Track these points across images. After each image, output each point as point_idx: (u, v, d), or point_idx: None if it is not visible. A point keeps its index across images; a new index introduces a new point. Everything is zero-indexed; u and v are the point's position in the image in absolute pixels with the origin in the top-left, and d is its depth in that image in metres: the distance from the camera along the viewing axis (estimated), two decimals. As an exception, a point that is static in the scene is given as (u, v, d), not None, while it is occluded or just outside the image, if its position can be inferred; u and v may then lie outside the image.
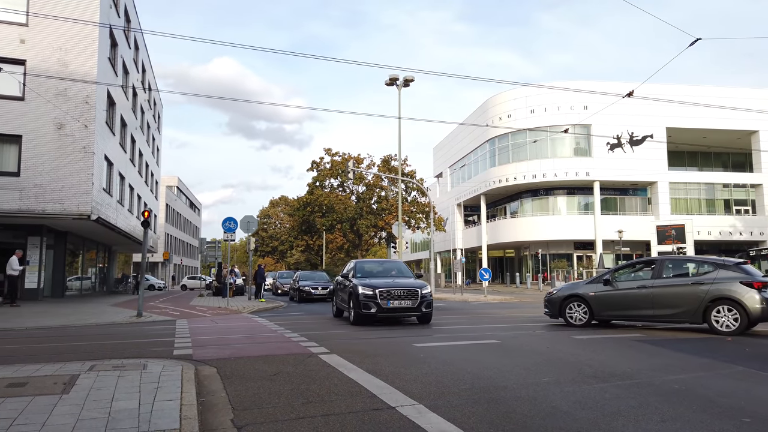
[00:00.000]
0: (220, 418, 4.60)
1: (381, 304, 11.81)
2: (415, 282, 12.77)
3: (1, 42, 21.13)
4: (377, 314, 11.87)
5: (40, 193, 21.18)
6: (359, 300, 11.99)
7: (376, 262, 15.78)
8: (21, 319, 14.27)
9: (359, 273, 13.59)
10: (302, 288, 24.54)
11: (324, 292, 24.19)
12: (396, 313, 12.14)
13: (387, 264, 15.12)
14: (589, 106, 41.95)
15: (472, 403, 5.04)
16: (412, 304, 11.99)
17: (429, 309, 12.24)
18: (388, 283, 12.50)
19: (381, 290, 11.98)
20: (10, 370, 6.23)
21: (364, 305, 11.92)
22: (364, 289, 12.15)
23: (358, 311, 12.03)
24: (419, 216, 47.27)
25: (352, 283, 12.69)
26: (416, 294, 12.07)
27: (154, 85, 42.26)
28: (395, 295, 11.97)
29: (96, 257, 34.88)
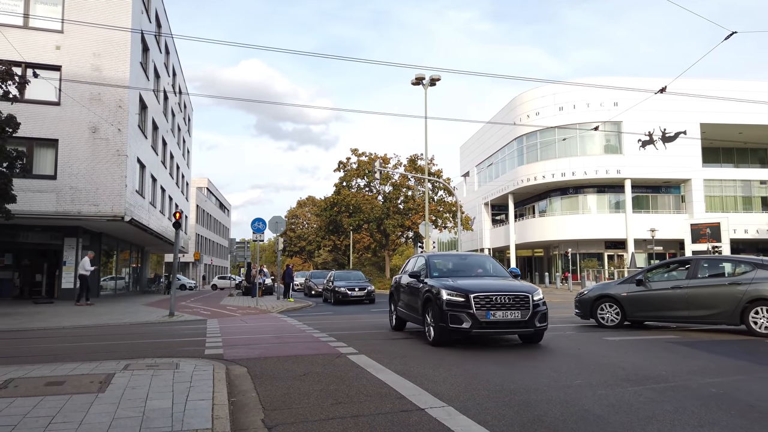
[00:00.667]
0: (251, 417, 4.65)
1: (478, 316, 8.25)
2: (521, 284, 9.16)
3: (37, 49, 21.77)
4: (471, 330, 8.32)
5: (75, 196, 21.75)
6: (443, 310, 8.50)
7: (456, 255, 11.97)
8: (58, 318, 14.68)
9: (435, 271, 10.02)
10: (338, 289, 22.95)
11: (361, 293, 22.82)
12: (498, 329, 8.51)
13: (471, 259, 11.36)
14: (620, 102, 41.16)
15: (503, 405, 4.99)
16: (521, 317, 8.38)
17: (543, 324, 8.67)
18: (484, 285, 8.92)
19: (477, 296, 8.38)
20: (49, 369, 6.41)
21: (451, 317, 8.39)
22: (450, 293, 8.59)
23: (443, 326, 8.51)
24: (446, 215, 47.06)
25: (428, 285, 9.28)
26: (526, 302, 8.48)
27: (184, 89, 43.01)
28: (498, 303, 8.37)
29: (129, 258, 35.66)
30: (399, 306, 11.07)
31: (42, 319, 14.45)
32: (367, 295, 22.85)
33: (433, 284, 9.13)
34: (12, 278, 24.94)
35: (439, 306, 8.62)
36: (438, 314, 8.62)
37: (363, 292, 22.85)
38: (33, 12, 22.16)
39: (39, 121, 21.44)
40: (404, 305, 10.71)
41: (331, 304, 22.85)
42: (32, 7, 22.25)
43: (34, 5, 22.31)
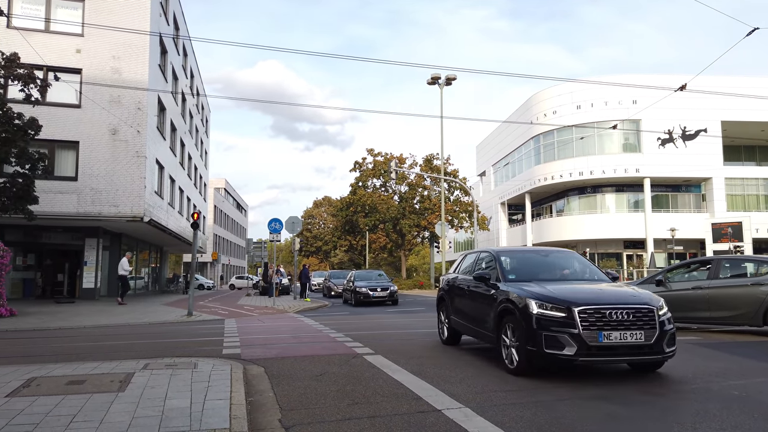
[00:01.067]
0: (268, 417, 4.67)
1: (586, 338, 5.82)
2: (638, 293, 6.55)
3: (59, 52, 22.13)
4: (577, 358, 5.85)
5: (96, 197, 22.07)
6: (534, 329, 6.05)
7: (533, 251, 9.31)
8: (79, 318, 14.91)
9: (512, 272, 7.42)
10: (359, 290, 21.68)
11: (384, 294, 21.60)
12: (614, 357, 6.00)
13: (553, 255, 8.43)
14: (639, 100, 40.70)
15: (520, 407, 4.95)
16: (645, 339, 5.90)
17: (672, 348, 6.14)
18: (589, 294, 6.44)
19: (584, 310, 5.97)
20: (70, 368, 6.51)
21: (547, 339, 5.95)
22: (542, 305, 6.15)
23: (533, 350, 6.06)
24: (462, 215, 46.89)
25: (504, 291, 6.84)
26: (651, 318, 6.01)
27: (201, 90, 43.42)
28: (613, 320, 5.92)
29: (149, 258, 36.09)
30: (453, 315, 8.64)
31: (63, 318, 14.69)
32: (390, 296, 21.73)
33: (512, 291, 6.66)
34: (35, 278, 25.39)
35: (526, 322, 6.13)
36: (526, 334, 6.09)
37: (385, 293, 21.68)
38: (54, 16, 22.54)
39: (60, 124, 21.80)
40: (462, 315, 8.27)
41: (352, 305, 21.68)
42: (53, 11, 22.63)
43: (55, 9, 22.69)
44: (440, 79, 32.17)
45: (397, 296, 22.19)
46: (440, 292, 9.55)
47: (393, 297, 21.90)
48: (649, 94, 35.62)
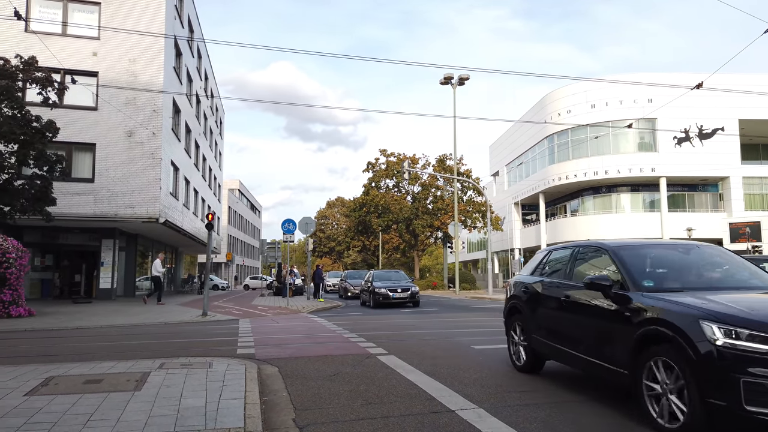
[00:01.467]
0: (282, 417, 4.70)
1: None
2: None
3: (75, 55, 22.43)
4: None
5: (112, 198, 22.34)
6: (721, 371, 3.79)
7: (665, 245, 6.34)
8: (96, 318, 15.09)
9: (648, 277, 5.13)
10: (378, 290, 20.55)
11: (404, 295, 20.43)
12: None
13: (696, 252, 5.84)
14: (654, 99, 40.27)
15: (535, 407, 4.93)
16: None
17: None
18: None
19: None
20: (87, 367, 6.59)
21: (749, 389, 3.65)
22: (732, 333, 3.84)
23: (725, 404, 3.74)
24: (476, 215, 46.72)
25: (650, 305, 4.54)
26: None
27: (216, 92, 43.75)
28: None
29: (164, 258, 36.40)
30: (537, 334, 6.32)
31: (81, 318, 14.88)
32: (411, 296, 20.60)
33: (662, 306, 4.42)
34: (52, 278, 25.75)
35: (702, 359, 3.90)
36: (703, 378, 3.88)
37: (406, 294, 20.55)
38: (71, 20, 22.85)
39: (77, 126, 22.09)
40: (555, 335, 5.93)
41: (370, 307, 20.58)
42: (70, 15, 22.95)
43: (72, 13, 23.01)
44: (453, 78, 32.09)
45: (418, 297, 21.05)
46: (512, 300, 7.26)
47: (414, 298, 20.73)
48: (664, 93, 35.23)
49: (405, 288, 20.85)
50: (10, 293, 14.82)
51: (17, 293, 15.16)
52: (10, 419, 4.28)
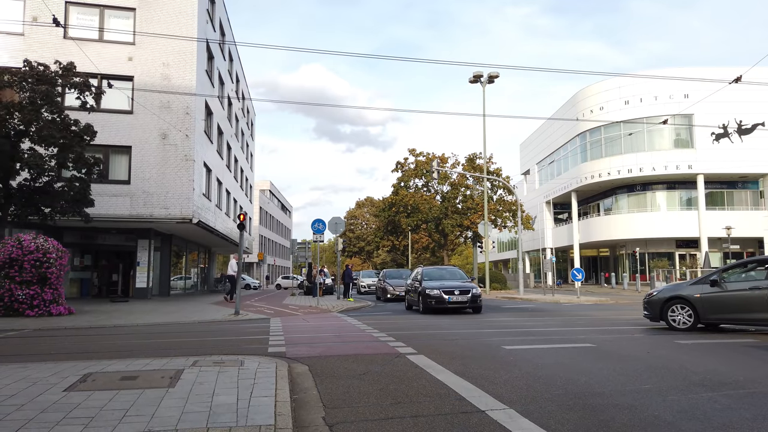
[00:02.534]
0: (312, 415, 4.73)
1: None
2: None
3: (112, 60, 23.03)
4: None
5: (147, 199, 22.86)
6: None
7: None
8: (132, 316, 15.46)
9: None
10: (429, 292, 16.55)
11: (463, 298, 16.32)
12: None
13: None
14: (691, 94, 39.21)
15: (566, 409, 4.85)
16: None
17: None
18: None
19: None
20: (124, 364, 6.76)
21: None
22: None
23: None
24: (506, 215, 46.25)
25: None
26: None
27: (247, 94, 44.36)
28: None
29: (197, 258, 37.12)
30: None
31: (118, 316, 15.27)
32: (472, 300, 16.37)
33: None
34: (91, 278, 26.50)
35: None
36: None
37: (465, 297, 16.35)
38: (107, 26, 23.48)
39: (114, 129, 22.68)
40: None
41: (420, 312, 16.90)
42: (107, 21, 23.58)
43: (108, 19, 23.63)
44: (482, 77, 31.84)
45: (480, 302, 16.65)
46: None
47: (476, 302, 16.46)
48: (701, 88, 34.28)
49: (463, 289, 16.59)
50: (51, 292, 15.29)
51: (58, 292, 15.64)
52: (50, 414, 4.42)
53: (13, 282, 14.80)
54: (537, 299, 25.48)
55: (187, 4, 24.13)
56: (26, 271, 14.84)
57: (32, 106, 16.45)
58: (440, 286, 16.79)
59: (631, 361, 7.34)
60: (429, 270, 19.35)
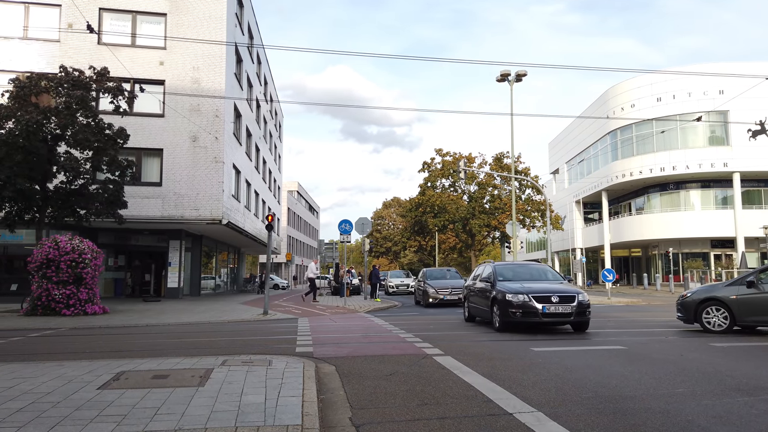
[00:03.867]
0: (339, 415, 4.75)
1: None
2: None
3: (143, 65, 23.54)
4: None
5: (178, 201, 23.29)
6: None
7: None
8: (164, 315, 15.77)
9: None
10: (511, 298, 11.02)
11: (565, 308, 10.83)
12: None
13: None
14: (726, 90, 38.13)
15: (596, 413, 4.76)
16: None
17: None
18: None
19: None
20: (156, 363, 6.89)
21: None
22: None
23: None
24: (534, 215, 45.69)
25: None
26: None
27: (275, 97, 44.81)
28: None
29: (227, 258, 37.64)
30: None
31: (150, 316, 15.59)
32: (579, 312, 10.81)
33: None
34: (124, 278, 27.10)
35: None
36: None
37: (568, 308, 10.76)
38: (139, 31, 24.00)
39: (146, 132, 23.17)
40: None
41: (497, 328, 11.41)
42: (139, 27, 24.10)
43: (140, 24, 24.16)
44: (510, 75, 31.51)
45: (588, 315, 11.10)
46: None
47: (583, 316, 10.90)
48: (737, 83, 33.35)
49: (565, 295, 10.87)
50: (86, 292, 15.71)
51: (92, 292, 16.05)
52: (84, 411, 4.54)
53: (50, 282, 15.25)
54: (566, 300, 25.05)
55: (217, 9, 24.51)
56: (63, 271, 15.26)
57: (68, 110, 16.92)
58: (527, 290, 11.03)
59: (664, 364, 7.17)
60: (500, 267, 13.24)
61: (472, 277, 14.97)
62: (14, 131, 16.24)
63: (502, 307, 11.13)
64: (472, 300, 13.75)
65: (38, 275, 15.38)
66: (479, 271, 14.21)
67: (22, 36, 23.17)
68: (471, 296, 13.88)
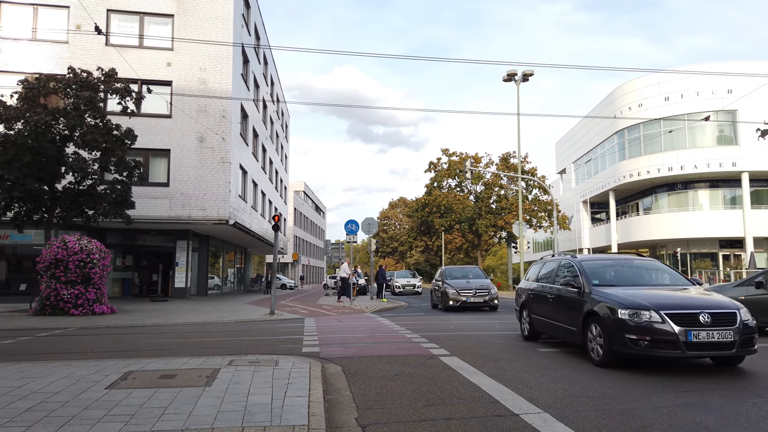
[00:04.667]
0: (345, 416, 4.75)
1: None
2: None
3: (151, 66, 23.64)
4: None
5: (185, 201, 23.38)
6: None
7: None
8: (171, 315, 15.84)
9: None
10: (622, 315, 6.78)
11: (730, 336, 6.48)
12: None
13: None
14: (734, 89, 37.88)
15: (603, 414, 4.75)
16: None
17: None
18: None
19: None
20: (163, 363, 6.93)
21: None
22: None
23: None
24: (541, 215, 45.59)
25: None
26: None
27: (281, 97, 44.91)
28: None
29: (234, 258, 37.76)
30: None
31: (157, 315, 15.66)
32: (745, 338, 6.58)
33: None
34: (132, 278, 27.24)
35: None
36: None
37: (728, 333, 6.47)
38: (147, 32, 24.10)
39: (153, 133, 23.27)
40: None
41: (597, 362, 7.21)
42: (146, 28, 24.21)
43: (147, 26, 24.26)
44: (516, 75, 31.47)
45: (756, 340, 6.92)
46: None
47: (749, 344, 6.70)
48: (746, 83, 33.11)
49: (721, 312, 6.71)
50: (94, 291, 15.80)
51: (101, 292, 16.14)
52: (92, 411, 4.56)
53: (59, 282, 15.34)
54: (573, 301, 24.95)
55: (224, 10, 24.58)
56: (71, 271, 15.36)
57: (76, 111, 17.02)
58: (654, 302, 6.86)
59: (672, 364, 7.13)
60: (597, 264, 8.87)
61: (532, 274, 10.45)
62: (23, 132, 16.36)
63: (610, 329, 6.97)
64: (536, 309, 9.52)
65: (47, 275, 15.48)
66: (547, 268, 9.78)
67: (30, 37, 23.32)
68: (535, 303, 9.63)
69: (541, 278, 9.81)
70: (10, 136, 16.38)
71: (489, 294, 18.49)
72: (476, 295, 18.35)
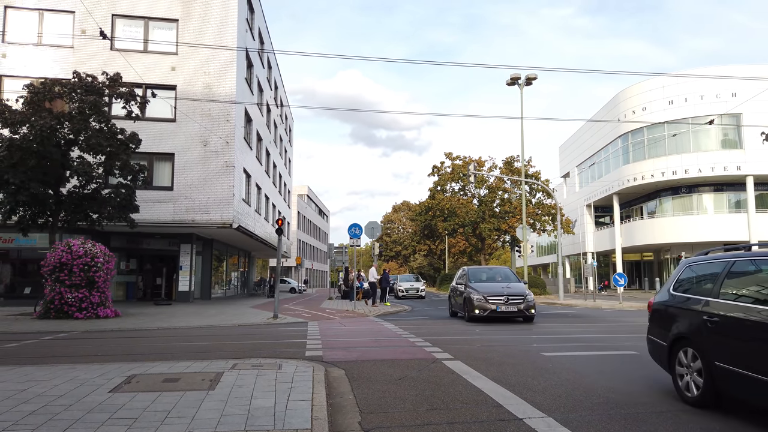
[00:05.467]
0: (348, 420, 4.75)
1: None
2: None
3: (156, 70, 23.74)
4: None
5: (189, 205, 23.43)
6: None
7: None
8: (175, 319, 15.85)
9: None
10: None
11: None
12: None
13: None
14: (739, 93, 37.77)
15: (607, 419, 4.73)
16: None
17: None
18: None
19: None
20: (166, 366, 6.93)
21: None
22: None
23: None
24: (545, 218, 45.47)
25: None
26: None
27: (285, 101, 45.01)
28: None
29: (237, 262, 37.79)
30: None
31: (161, 319, 15.68)
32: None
33: None
34: (136, 281, 27.28)
35: None
36: None
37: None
38: (151, 37, 24.22)
39: (157, 137, 23.34)
40: None
41: None
42: (151, 33, 24.32)
43: (152, 30, 24.38)
44: (520, 79, 31.47)
45: None
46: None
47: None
48: (750, 86, 33.01)
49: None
50: (98, 295, 15.82)
51: (105, 295, 16.17)
52: (96, 414, 4.57)
53: (63, 285, 15.37)
54: (578, 304, 24.94)
55: (228, 14, 24.68)
56: (75, 274, 15.39)
57: (81, 115, 17.10)
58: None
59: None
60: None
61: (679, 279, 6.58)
62: (28, 136, 16.43)
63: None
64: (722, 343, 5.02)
65: (51, 279, 15.51)
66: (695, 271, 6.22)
67: (36, 42, 23.45)
68: None
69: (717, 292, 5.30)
70: (16, 140, 16.47)
71: (525, 302, 14.65)
72: (509, 303, 14.53)
